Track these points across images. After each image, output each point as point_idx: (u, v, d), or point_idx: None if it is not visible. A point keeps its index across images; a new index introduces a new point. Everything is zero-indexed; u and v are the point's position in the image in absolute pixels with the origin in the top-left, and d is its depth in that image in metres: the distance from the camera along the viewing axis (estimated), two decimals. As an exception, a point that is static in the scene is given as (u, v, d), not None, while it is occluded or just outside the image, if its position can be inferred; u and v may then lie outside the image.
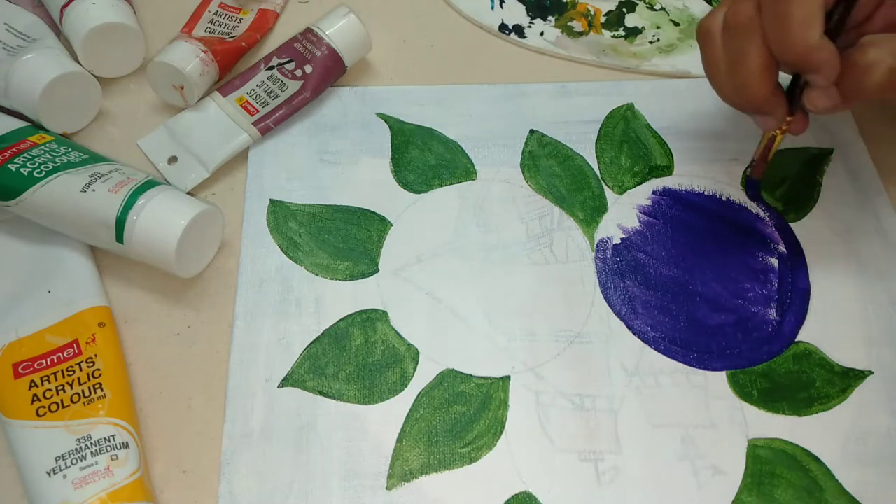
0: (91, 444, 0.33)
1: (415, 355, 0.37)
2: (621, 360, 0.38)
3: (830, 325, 0.39)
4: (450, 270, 0.40)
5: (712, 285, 0.40)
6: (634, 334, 0.38)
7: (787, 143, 0.44)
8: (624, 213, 0.42)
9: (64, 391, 0.34)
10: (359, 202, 0.42)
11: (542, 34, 0.48)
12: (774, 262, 0.40)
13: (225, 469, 0.35)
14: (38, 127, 0.41)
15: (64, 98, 0.41)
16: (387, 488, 0.34)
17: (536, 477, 0.35)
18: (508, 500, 0.34)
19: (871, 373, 0.38)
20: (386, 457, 0.35)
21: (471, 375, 0.37)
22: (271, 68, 0.44)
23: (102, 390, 0.34)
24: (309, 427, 0.36)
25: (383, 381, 0.37)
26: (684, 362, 0.38)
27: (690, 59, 0.47)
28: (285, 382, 0.37)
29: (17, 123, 0.41)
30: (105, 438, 0.33)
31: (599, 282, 0.40)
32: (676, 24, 0.49)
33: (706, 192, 0.43)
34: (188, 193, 0.41)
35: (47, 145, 0.39)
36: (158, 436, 0.35)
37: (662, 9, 0.49)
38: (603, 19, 0.49)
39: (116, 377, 0.35)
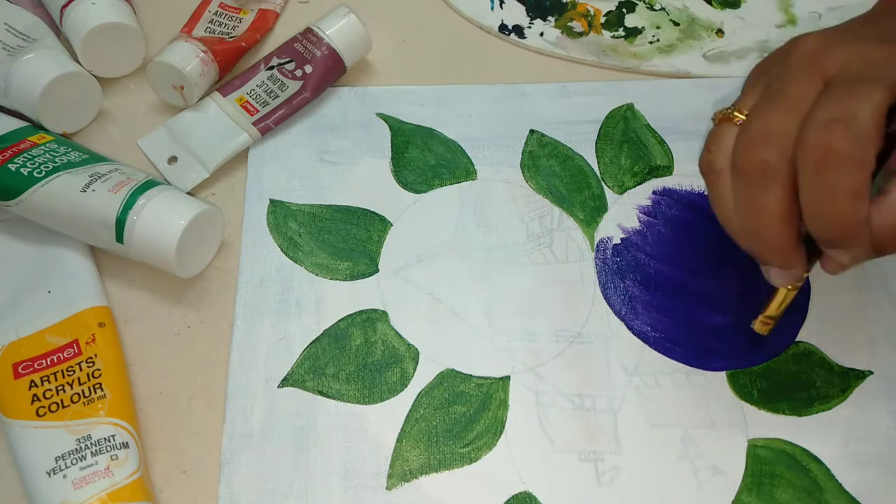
0: (91, 444, 0.33)
1: (415, 355, 0.37)
2: (621, 360, 0.38)
3: (830, 325, 0.39)
4: (450, 270, 0.40)
5: (712, 285, 0.40)
6: (634, 334, 0.38)
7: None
8: (624, 213, 0.42)
9: (64, 391, 0.34)
10: (359, 202, 0.42)
11: (541, 34, 0.48)
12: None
13: (225, 469, 0.35)
14: (38, 127, 0.41)
15: (64, 98, 0.41)
16: (387, 488, 0.34)
17: (536, 477, 0.35)
18: (508, 500, 0.34)
19: (871, 373, 0.38)
20: (386, 457, 0.35)
21: (471, 375, 0.37)
22: (271, 68, 0.44)
23: (102, 390, 0.34)
24: (309, 427, 0.36)
25: (383, 381, 0.37)
26: (684, 362, 0.38)
27: (690, 59, 0.47)
28: (285, 382, 0.37)
29: (17, 123, 0.41)
30: (105, 438, 0.33)
31: (599, 282, 0.40)
32: (676, 24, 0.49)
33: (706, 192, 0.43)
34: (188, 193, 0.41)
35: (47, 145, 0.39)
36: (158, 436, 0.35)
37: (662, 9, 0.49)
38: (603, 19, 0.49)
39: (116, 377, 0.35)
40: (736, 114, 0.32)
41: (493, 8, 0.49)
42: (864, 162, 0.28)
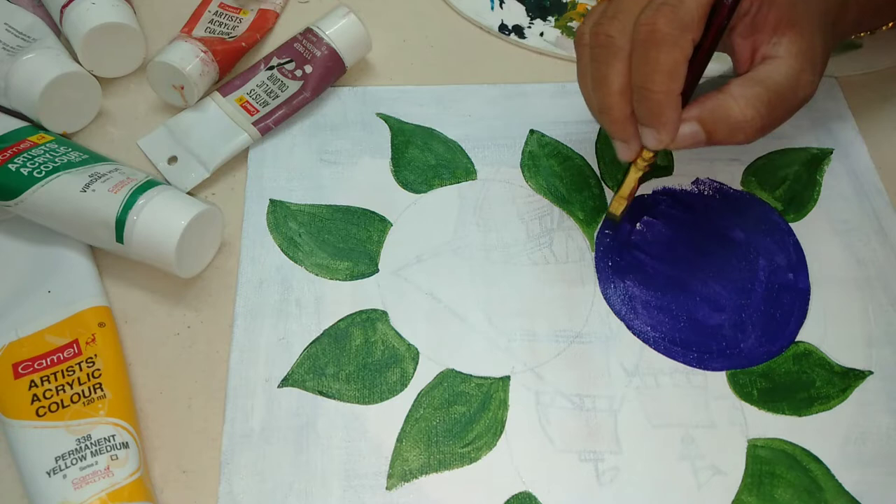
0: (91, 444, 0.33)
1: (415, 355, 0.37)
2: (621, 360, 0.38)
3: (830, 325, 0.39)
4: (450, 270, 0.40)
5: (712, 285, 0.40)
6: (634, 334, 0.38)
7: (787, 142, 0.44)
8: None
9: (64, 391, 0.34)
10: (359, 202, 0.42)
11: (541, 34, 0.48)
12: (774, 261, 0.40)
13: (225, 469, 0.35)
14: (38, 127, 0.41)
15: (64, 98, 0.41)
16: (387, 488, 0.34)
17: (536, 477, 0.35)
18: (508, 500, 0.34)
19: (871, 373, 0.38)
20: (386, 457, 0.35)
21: (471, 375, 0.37)
22: (271, 68, 0.44)
23: (102, 390, 0.34)
24: (309, 427, 0.36)
25: (383, 381, 0.37)
26: (684, 362, 0.38)
27: (690, 59, 0.47)
28: (285, 382, 0.37)
29: (17, 123, 0.41)
30: (105, 438, 0.33)
31: (599, 282, 0.40)
32: (676, 24, 0.49)
33: (706, 192, 0.43)
34: (188, 193, 0.41)
35: (47, 145, 0.39)
36: (158, 436, 0.35)
37: (662, 9, 0.49)
38: (603, 19, 0.49)
39: (116, 377, 0.35)
40: None
41: (493, 8, 0.49)
42: (681, 44, 0.32)
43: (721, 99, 0.34)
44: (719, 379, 0.37)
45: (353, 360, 0.37)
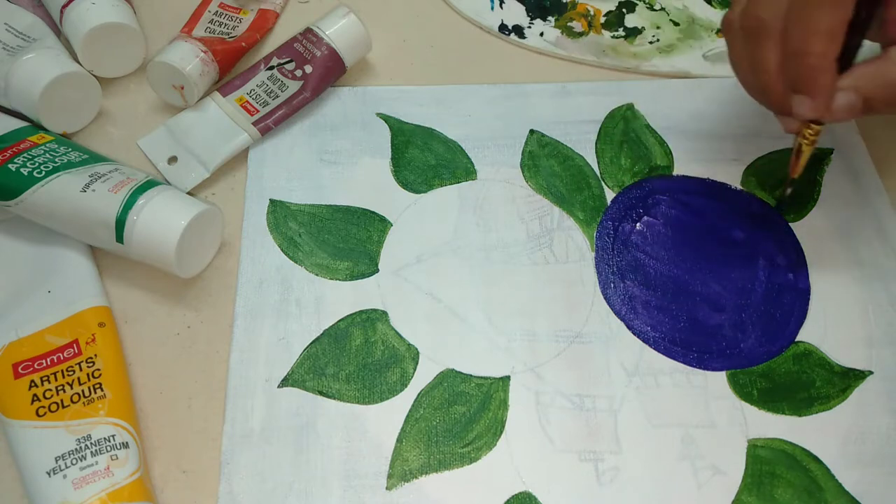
0: (91, 444, 0.33)
1: (415, 355, 0.37)
2: (621, 360, 0.38)
3: (830, 325, 0.39)
4: (450, 270, 0.40)
5: (712, 285, 0.40)
6: (634, 334, 0.38)
7: (787, 142, 0.44)
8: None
9: (64, 391, 0.34)
10: (359, 202, 0.42)
11: (541, 34, 0.48)
12: (774, 262, 0.40)
13: (225, 469, 0.35)
14: (38, 127, 0.41)
15: (64, 98, 0.41)
16: (387, 488, 0.34)
17: (536, 477, 0.35)
18: (508, 500, 0.34)
19: (871, 373, 0.38)
20: (386, 457, 0.35)
21: (471, 375, 0.37)
22: (271, 68, 0.44)
23: (102, 390, 0.34)
24: (309, 427, 0.36)
25: (383, 381, 0.37)
26: (684, 362, 0.38)
27: (690, 59, 0.47)
28: (285, 382, 0.37)
29: (17, 123, 0.41)
30: (105, 438, 0.33)
31: (599, 282, 0.40)
32: (676, 24, 0.49)
33: (706, 192, 0.43)
34: (188, 193, 0.41)
35: (47, 145, 0.39)
36: (158, 436, 0.35)
37: (662, 9, 0.49)
38: (603, 20, 0.49)
39: (116, 377, 0.35)
40: None
41: (493, 8, 0.49)
42: (844, 4, 0.31)
43: (881, 66, 0.33)
44: (719, 379, 0.37)
45: (353, 360, 0.37)
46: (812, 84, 0.33)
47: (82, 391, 0.34)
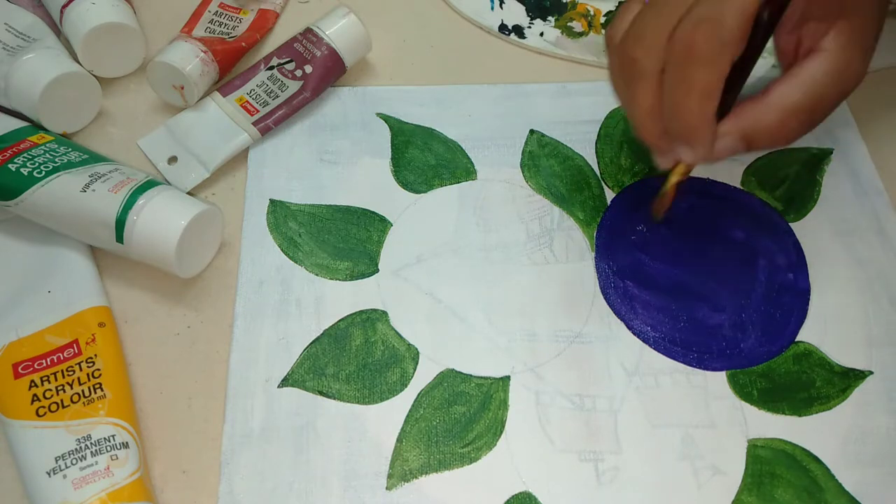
0: (91, 444, 0.33)
1: (415, 355, 0.37)
2: (621, 360, 0.38)
3: (830, 325, 0.39)
4: (450, 270, 0.40)
5: (712, 285, 0.40)
6: (634, 334, 0.38)
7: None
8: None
9: (64, 391, 0.34)
10: (359, 202, 0.42)
11: (541, 34, 0.48)
12: (774, 262, 0.40)
13: (225, 469, 0.35)
14: (38, 127, 0.41)
15: (64, 98, 0.41)
16: (387, 488, 0.34)
17: (536, 477, 0.35)
18: (508, 500, 0.34)
19: (871, 373, 0.38)
20: (386, 457, 0.35)
21: (471, 375, 0.37)
22: (271, 68, 0.44)
23: (102, 390, 0.34)
24: (309, 427, 0.36)
25: (383, 381, 0.37)
26: (684, 362, 0.38)
27: (690, 59, 0.47)
28: (285, 382, 0.37)
29: (17, 123, 0.41)
30: (105, 438, 0.33)
31: (599, 282, 0.40)
32: (676, 24, 0.49)
33: (706, 192, 0.43)
34: (188, 193, 0.41)
35: (47, 145, 0.39)
36: (158, 436, 0.35)
37: (662, 9, 0.49)
38: (603, 20, 0.49)
39: (116, 377, 0.35)
40: None
41: (493, 8, 0.49)
42: (720, 64, 0.30)
43: (761, 110, 0.32)
44: (719, 379, 0.37)
45: (353, 360, 0.37)
46: (692, 137, 0.32)
47: (82, 391, 0.34)
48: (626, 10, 0.34)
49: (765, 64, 0.42)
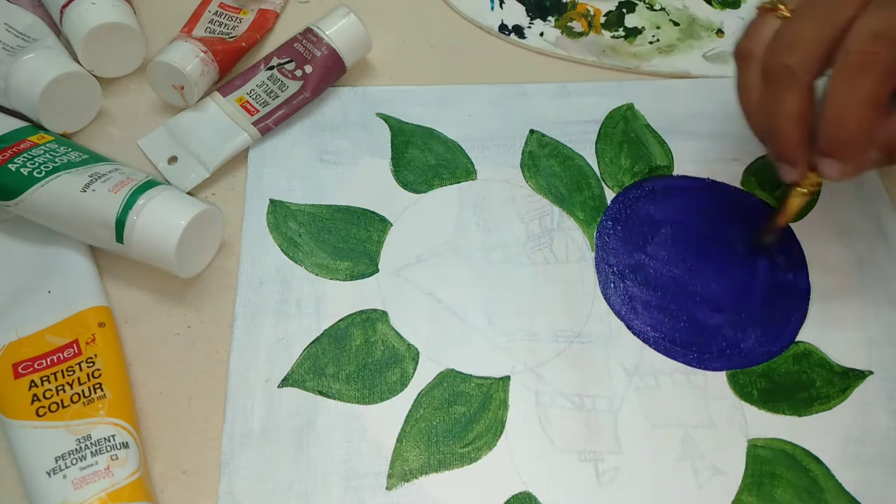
0: (91, 444, 0.33)
1: (415, 355, 0.37)
2: (621, 360, 0.38)
3: (830, 325, 0.39)
4: (450, 270, 0.40)
5: (712, 285, 0.40)
6: (634, 334, 0.38)
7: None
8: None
9: (64, 391, 0.34)
10: (359, 202, 0.42)
11: (541, 34, 0.48)
12: (774, 262, 0.40)
13: (225, 469, 0.35)
14: (38, 127, 0.41)
15: (64, 98, 0.41)
16: (387, 488, 0.34)
17: (536, 477, 0.35)
18: (508, 500, 0.34)
19: (871, 373, 0.38)
20: (386, 457, 0.35)
21: (471, 375, 0.37)
22: (271, 68, 0.44)
23: (102, 390, 0.34)
24: (309, 427, 0.36)
25: (383, 381, 0.37)
26: (684, 362, 0.38)
27: (690, 59, 0.47)
28: (285, 382, 0.37)
29: (17, 123, 0.41)
30: (105, 438, 0.33)
31: (599, 282, 0.40)
32: (676, 24, 0.49)
33: (706, 193, 0.43)
34: (188, 193, 0.41)
35: (47, 145, 0.39)
36: (158, 436, 0.35)
37: (662, 9, 0.49)
38: (603, 20, 0.49)
39: (116, 377, 0.35)
40: (780, 7, 0.33)
41: (493, 8, 0.49)
42: (892, 73, 0.30)
43: None
44: (719, 379, 0.37)
45: (353, 360, 0.37)
46: (848, 148, 0.32)
47: (82, 391, 0.34)
48: (762, 24, 0.34)
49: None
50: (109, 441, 0.33)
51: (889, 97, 0.31)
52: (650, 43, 0.48)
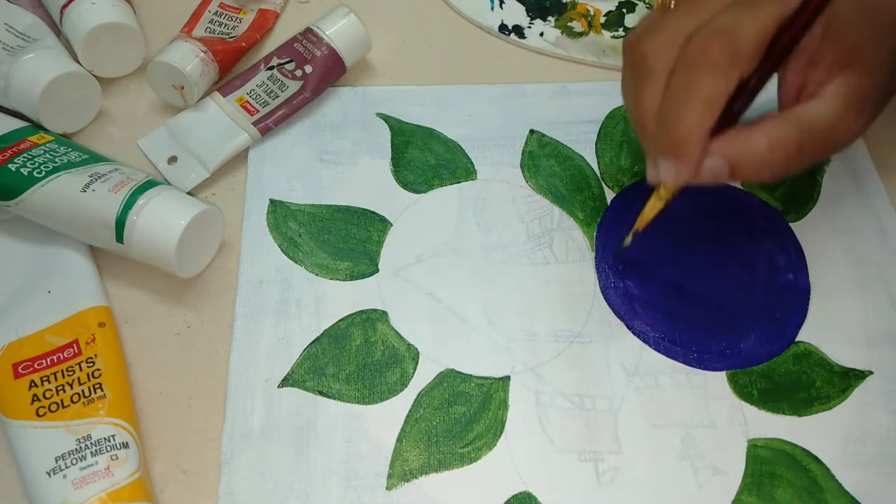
0: (91, 444, 0.33)
1: (415, 355, 0.37)
2: (621, 360, 0.38)
3: (830, 325, 0.39)
4: (450, 270, 0.40)
5: (712, 285, 0.40)
6: (634, 334, 0.38)
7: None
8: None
9: (64, 391, 0.34)
10: (359, 202, 0.42)
11: (541, 35, 0.48)
12: (774, 262, 0.40)
13: (225, 469, 0.35)
14: (38, 127, 0.41)
15: (64, 98, 0.41)
16: (387, 488, 0.34)
17: (536, 477, 0.35)
18: (508, 500, 0.34)
19: (871, 373, 0.38)
20: (386, 457, 0.35)
21: (471, 375, 0.37)
22: (271, 68, 0.44)
23: (102, 390, 0.34)
24: (309, 427, 0.36)
25: (383, 381, 0.37)
26: (684, 362, 0.38)
27: (690, 59, 0.47)
28: (285, 382, 0.37)
29: (17, 123, 0.41)
30: (105, 438, 0.33)
31: (599, 282, 0.40)
32: (676, 24, 0.49)
33: (706, 193, 0.43)
34: (188, 193, 0.41)
35: (47, 145, 0.39)
36: (158, 436, 0.35)
37: (662, 9, 0.49)
38: (603, 20, 0.49)
39: (116, 377, 0.35)
40: (672, 3, 0.34)
41: (493, 8, 0.49)
42: (730, 76, 0.30)
43: (750, 136, 0.31)
44: (719, 379, 0.37)
45: (353, 360, 0.37)
46: (680, 150, 0.31)
47: (82, 391, 0.34)
48: (650, 17, 0.34)
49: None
50: (109, 441, 0.33)
51: (734, 105, 0.31)
52: (650, 43, 0.48)
